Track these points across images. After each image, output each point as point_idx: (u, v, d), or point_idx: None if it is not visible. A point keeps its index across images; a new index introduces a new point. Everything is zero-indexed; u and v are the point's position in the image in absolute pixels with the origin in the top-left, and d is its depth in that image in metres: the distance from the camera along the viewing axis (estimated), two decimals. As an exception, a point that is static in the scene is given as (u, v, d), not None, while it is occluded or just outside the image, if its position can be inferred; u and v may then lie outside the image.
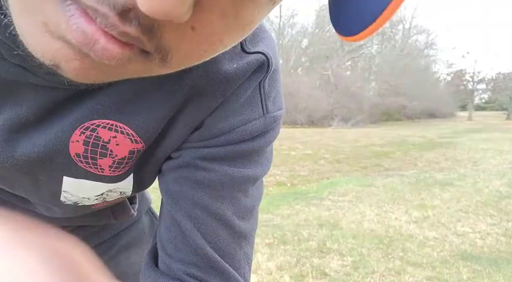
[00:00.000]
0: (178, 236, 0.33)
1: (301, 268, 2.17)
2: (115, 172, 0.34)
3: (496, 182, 4.53)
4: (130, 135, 0.32)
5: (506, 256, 2.37)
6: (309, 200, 3.69)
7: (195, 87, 0.31)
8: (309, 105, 16.97)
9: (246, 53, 0.32)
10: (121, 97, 0.31)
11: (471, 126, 16.85)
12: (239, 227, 0.34)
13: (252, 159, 0.34)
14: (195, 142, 0.33)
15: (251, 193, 0.35)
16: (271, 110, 0.34)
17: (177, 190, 0.33)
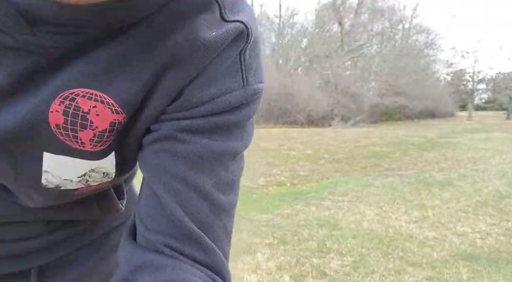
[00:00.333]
0: (156, 208, 0.32)
1: (301, 268, 2.17)
2: (96, 146, 0.33)
3: (496, 181, 4.53)
4: (110, 105, 0.31)
5: (506, 256, 2.37)
6: (309, 200, 3.69)
7: (174, 54, 0.30)
8: (309, 105, 16.97)
9: (225, 21, 0.32)
10: (99, 65, 0.30)
11: (471, 126, 16.87)
12: (218, 200, 0.33)
13: (232, 133, 0.34)
14: (175, 112, 0.33)
15: (231, 167, 0.34)
16: (252, 82, 0.34)
17: (156, 163, 0.33)
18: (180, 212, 0.32)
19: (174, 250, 0.31)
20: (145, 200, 0.34)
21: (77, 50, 0.30)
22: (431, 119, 25.27)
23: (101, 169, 0.36)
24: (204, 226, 0.33)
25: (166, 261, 0.31)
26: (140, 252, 0.32)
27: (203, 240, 0.32)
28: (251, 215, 3.18)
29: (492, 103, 42.96)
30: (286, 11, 26.18)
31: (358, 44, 24.53)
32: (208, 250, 0.33)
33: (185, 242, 0.32)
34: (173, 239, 0.32)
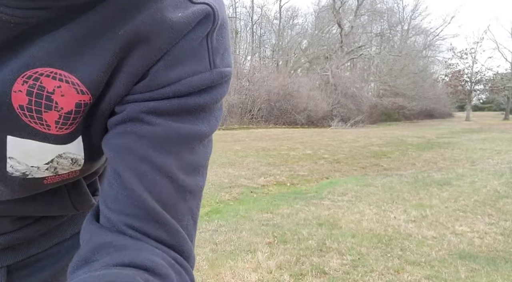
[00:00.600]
0: (120, 189, 0.32)
1: (300, 266, 2.18)
2: (62, 129, 0.32)
3: (494, 181, 4.56)
4: (75, 85, 0.30)
5: (503, 255, 2.39)
6: (309, 200, 3.70)
7: (139, 34, 0.30)
8: (308, 105, 16.98)
9: (192, 3, 0.32)
10: (64, 44, 0.29)
11: (469, 126, 16.90)
12: (184, 181, 0.33)
13: (199, 116, 0.33)
14: (140, 93, 0.32)
15: (197, 150, 0.34)
16: (219, 65, 0.34)
17: (121, 144, 0.32)
18: (144, 192, 0.31)
19: (137, 230, 0.31)
20: (109, 181, 0.33)
21: (40, 27, 0.29)
22: (430, 120, 25.31)
23: (69, 154, 0.35)
24: (169, 207, 0.32)
25: (127, 241, 0.30)
26: (102, 232, 0.31)
27: (167, 220, 0.32)
28: (251, 214, 3.19)
29: (490, 104, 43.06)
30: (286, 13, 26.20)
31: (358, 45, 24.56)
32: (172, 230, 0.32)
33: (148, 222, 0.31)
34: (136, 219, 0.31)
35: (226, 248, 2.43)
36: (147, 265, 0.29)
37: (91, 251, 0.30)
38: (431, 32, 30.94)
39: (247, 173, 5.03)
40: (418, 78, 25.03)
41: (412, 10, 30.68)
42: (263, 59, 24.07)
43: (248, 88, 16.84)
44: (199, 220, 1.44)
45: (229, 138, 10.13)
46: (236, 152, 7.04)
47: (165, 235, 0.32)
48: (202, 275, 2.04)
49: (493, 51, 42.03)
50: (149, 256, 0.30)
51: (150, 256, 0.30)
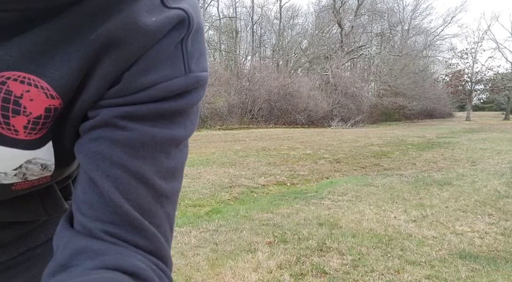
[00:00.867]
0: (94, 195, 0.31)
1: (301, 266, 2.18)
2: (31, 134, 0.32)
3: (494, 181, 4.56)
4: (44, 89, 0.30)
5: (504, 255, 2.38)
6: (309, 199, 3.70)
7: (111, 38, 0.30)
8: (309, 105, 16.98)
9: (166, 7, 0.32)
10: (33, 47, 0.29)
11: (469, 126, 16.90)
12: (160, 186, 0.33)
13: (174, 120, 0.33)
14: (114, 98, 0.32)
15: (173, 155, 0.34)
16: (194, 70, 0.34)
17: (95, 150, 0.31)
18: (120, 198, 0.31)
19: (115, 237, 0.31)
20: (82, 187, 0.32)
21: (8, 30, 0.28)
22: (430, 120, 25.31)
23: (38, 160, 0.34)
24: (146, 212, 0.32)
25: (107, 246, 0.30)
26: (79, 237, 0.31)
27: (145, 226, 0.32)
28: (251, 214, 3.19)
29: (490, 104, 43.04)
30: (286, 13, 26.20)
31: (358, 45, 24.55)
32: (150, 236, 0.32)
33: (126, 229, 0.31)
34: (113, 225, 0.31)
35: (226, 248, 2.43)
36: (131, 270, 0.29)
37: (69, 256, 0.30)
38: (432, 32, 30.94)
39: (247, 173, 5.03)
40: (419, 78, 25.03)
41: (413, 10, 30.65)
42: (263, 59, 24.07)
43: (248, 88, 16.84)
44: (199, 220, 1.46)
45: (230, 138, 10.13)
46: (236, 152, 7.04)
47: (144, 241, 0.31)
48: (202, 275, 2.04)
49: (493, 51, 42.00)
50: (132, 260, 0.30)
51: (133, 261, 0.30)
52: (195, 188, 4.14)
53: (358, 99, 19.44)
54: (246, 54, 24.53)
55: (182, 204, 3.51)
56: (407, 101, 22.60)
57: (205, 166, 5.43)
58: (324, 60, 22.60)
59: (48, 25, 0.29)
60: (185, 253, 2.33)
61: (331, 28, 25.25)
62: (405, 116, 23.88)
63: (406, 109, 22.99)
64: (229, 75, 16.74)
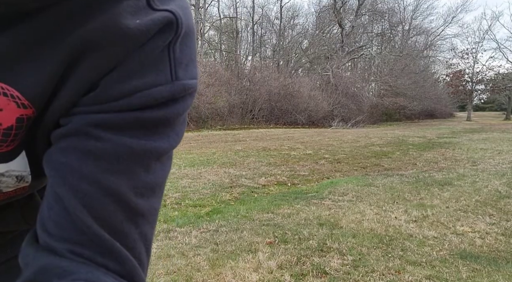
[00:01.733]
0: (61, 213, 0.28)
1: (301, 266, 2.18)
2: (1, 146, 0.29)
3: (495, 181, 4.55)
4: (15, 98, 0.27)
5: (505, 256, 2.38)
6: (310, 200, 3.70)
7: (90, 41, 0.27)
8: (309, 105, 16.98)
9: (153, 9, 0.29)
10: (3, 52, 0.27)
11: (470, 126, 16.88)
12: (136, 204, 0.30)
13: (157, 131, 0.30)
14: (89, 105, 0.29)
15: (154, 169, 0.31)
16: (182, 77, 0.31)
17: (62, 162, 0.29)
18: (89, 218, 0.28)
19: (84, 258, 0.28)
20: (48, 202, 0.29)
21: None
22: (431, 120, 25.29)
23: (12, 172, 0.32)
24: (118, 233, 0.29)
25: (77, 265, 0.27)
26: (46, 254, 0.28)
27: (116, 248, 0.29)
28: (252, 214, 3.19)
29: (491, 104, 42.98)
30: (287, 13, 26.20)
31: (358, 45, 24.54)
32: (121, 259, 0.29)
33: (95, 250, 0.28)
34: (80, 246, 0.28)
35: (227, 248, 2.44)
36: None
37: (34, 274, 0.27)
38: (432, 32, 30.92)
39: (248, 173, 5.03)
40: (419, 78, 25.00)
41: (413, 10, 30.63)
42: (264, 59, 24.07)
43: (249, 88, 16.84)
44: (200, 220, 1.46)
45: (230, 138, 10.13)
46: (237, 152, 7.04)
47: (115, 264, 0.29)
48: (203, 275, 2.04)
49: (494, 51, 42.01)
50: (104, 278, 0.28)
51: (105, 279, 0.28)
52: (195, 188, 4.14)
53: (358, 100, 19.44)
54: (246, 54, 24.54)
55: (183, 204, 3.51)
56: (408, 101, 22.59)
57: (205, 166, 5.43)
58: (325, 60, 22.60)
59: (20, 29, 0.27)
60: (186, 253, 2.34)
61: (332, 28, 25.26)
62: (406, 117, 23.86)
63: (407, 109, 22.98)
64: (229, 76, 16.74)
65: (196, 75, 0.33)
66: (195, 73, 0.33)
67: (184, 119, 0.34)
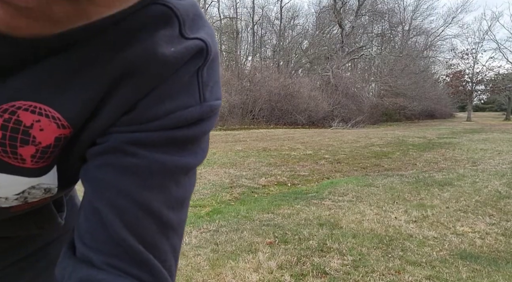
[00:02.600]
0: (98, 226, 0.30)
1: (301, 267, 2.18)
2: (38, 163, 0.31)
3: (495, 182, 4.55)
4: (56, 119, 0.29)
5: (505, 256, 2.38)
6: (310, 200, 3.70)
7: (129, 68, 0.29)
8: (309, 106, 16.98)
9: (185, 38, 0.31)
10: (47, 77, 0.28)
11: (470, 126, 16.88)
12: (167, 218, 0.32)
13: (186, 148, 0.32)
14: (126, 125, 0.31)
15: (183, 183, 0.33)
16: (208, 99, 0.33)
17: (100, 177, 0.30)
18: (124, 231, 0.29)
19: (119, 270, 0.29)
20: (85, 217, 0.31)
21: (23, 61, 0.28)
22: (431, 120, 25.29)
23: (42, 185, 0.33)
24: (151, 246, 0.31)
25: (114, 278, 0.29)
26: (83, 266, 0.30)
27: (150, 260, 0.30)
28: (252, 215, 3.19)
29: (491, 104, 42.99)
30: (287, 13, 26.22)
31: (358, 46, 24.55)
32: (155, 272, 0.31)
33: (130, 263, 0.30)
34: (116, 259, 0.29)
35: (227, 248, 2.44)
36: None
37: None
38: (432, 32, 30.93)
39: (248, 173, 5.03)
40: (419, 79, 25.00)
41: (413, 10, 30.64)
42: (264, 60, 24.08)
43: (249, 89, 16.85)
44: (200, 220, 1.47)
45: (230, 138, 10.13)
46: (237, 152, 7.04)
47: (148, 276, 0.30)
48: (203, 276, 2.04)
49: (494, 52, 41.99)
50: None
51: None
52: (196, 188, 4.13)
53: (358, 100, 19.44)
54: (246, 54, 24.55)
55: (183, 204, 3.51)
56: (408, 101, 22.58)
57: (206, 166, 5.43)
58: (325, 60, 22.61)
59: (64, 56, 0.29)
60: (186, 253, 2.34)
61: (332, 29, 25.27)
62: (406, 117, 23.86)
63: (407, 109, 22.97)
64: (229, 76, 16.75)
65: (220, 96, 0.36)
66: (219, 94, 0.36)
67: (208, 137, 0.36)
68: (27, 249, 0.47)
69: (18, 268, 0.47)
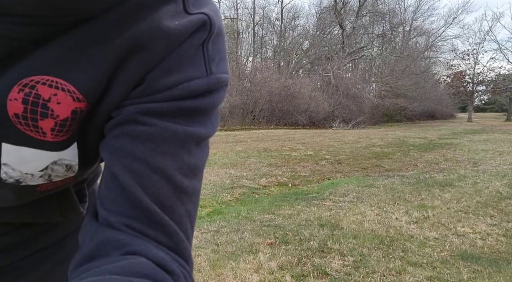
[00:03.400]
0: (117, 190, 0.32)
1: (302, 267, 2.18)
2: (57, 136, 0.33)
3: (496, 182, 4.54)
4: (71, 93, 0.31)
5: (506, 257, 2.38)
6: (310, 200, 3.70)
7: (136, 42, 0.31)
8: (310, 106, 16.98)
9: (188, 13, 0.33)
10: (61, 53, 0.30)
11: (471, 127, 16.85)
12: (181, 183, 0.33)
13: (195, 118, 0.34)
14: (137, 97, 0.33)
15: (194, 152, 0.34)
16: (215, 72, 0.35)
17: (116, 146, 0.32)
18: (141, 193, 0.31)
19: (137, 231, 0.31)
20: (105, 183, 0.33)
21: (39, 40, 0.30)
22: (431, 121, 25.25)
23: (64, 161, 0.35)
24: (166, 208, 0.32)
25: (132, 238, 0.30)
26: (104, 229, 0.31)
27: (166, 221, 0.32)
28: (253, 215, 3.19)
29: (492, 105, 42.90)
30: (287, 14, 26.23)
31: (359, 46, 24.54)
32: (171, 233, 0.32)
33: (147, 223, 0.31)
34: (134, 220, 0.31)
35: (227, 248, 2.44)
36: (158, 261, 0.29)
37: (96, 247, 0.30)
38: (433, 33, 30.90)
39: (248, 174, 5.03)
40: (420, 79, 24.97)
41: (414, 11, 30.62)
42: (264, 60, 24.09)
43: (249, 89, 16.86)
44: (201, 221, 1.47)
45: (231, 139, 10.13)
46: (237, 153, 7.04)
47: (164, 237, 0.31)
48: (203, 276, 2.04)
49: (495, 52, 41.91)
50: (158, 252, 0.30)
51: (159, 253, 0.30)
52: (196, 189, 4.15)
53: (359, 100, 19.42)
54: (247, 55, 24.57)
55: (184, 205, 3.51)
56: (409, 102, 22.55)
57: (206, 167, 5.40)
58: (326, 61, 22.60)
59: (76, 33, 0.30)
60: (187, 253, 2.34)
61: (333, 29, 25.26)
62: (407, 117, 23.84)
63: (408, 110, 22.95)
64: (230, 76, 16.72)
65: (227, 70, 0.37)
66: (226, 69, 0.37)
67: (218, 111, 0.37)
68: (48, 239, 0.49)
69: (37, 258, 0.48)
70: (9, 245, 0.45)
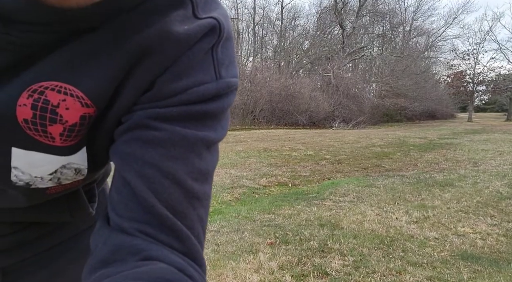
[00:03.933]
0: (128, 195, 0.32)
1: (302, 267, 2.18)
2: (66, 141, 0.33)
3: (496, 182, 4.54)
4: (80, 98, 0.31)
5: (506, 257, 2.38)
6: (310, 200, 3.70)
7: (146, 48, 0.31)
8: (310, 106, 16.98)
9: (197, 18, 0.33)
10: (70, 58, 0.30)
11: (471, 127, 16.85)
12: (192, 187, 0.33)
13: (205, 123, 0.34)
14: (147, 103, 0.33)
15: (204, 156, 0.34)
16: (224, 76, 0.34)
17: (127, 151, 0.32)
18: (153, 198, 0.31)
19: (150, 236, 0.31)
20: (117, 189, 0.33)
21: (50, 46, 0.30)
22: (432, 121, 25.25)
23: (73, 165, 0.35)
24: (178, 213, 0.32)
25: (147, 243, 0.30)
26: (118, 234, 0.31)
27: (178, 227, 0.32)
28: (253, 215, 3.19)
29: (492, 105, 42.88)
30: (288, 14, 26.24)
31: (359, 46, 24.54)
32: (184, 238, 0.32)
33: (160, 229, 0.31)
34: (147, 225, 0.31)
35: (227, 248, 2.44)
36: (178, 266, 0.29)
37: (109, 252, 0.30)
38: (433, 33, 30.89)
39: (249, 174, 5.03)
40: (420, 79, 24.96)
41: (414, 11, 30.61)
42: (265, 60, 24.10)
43: (250, 89, 16.85)
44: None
45: (231, 139, 10.13)
46: (238, 153, 7.05)
47: (178, 243, 0.31)
48: (204, 276, 2.04)
49: (495, 52, 41.89)
50: (174, 257, 0.30)
51: (175, 258, 0.30)
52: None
53: (359, 100, 19.42)
54: (247, 55, 24.57)
55: (184, 205, 3.52)
56: (409, 102, 22.55)
57: (206, 167, 5.43)
58: (326, 61, 22.60)
59: (85, 39, 0.31)
60: (187, 253, 2.34)
61: (333, 29, 25.26)
62: (407, 117, 23.83)
63: (408, 110, 22.94)
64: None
65: (236, 74, 0.37)
66: (236, 73, 0.37)
67: (228, 114, 0.37)
68: (60, 237, 0.49)
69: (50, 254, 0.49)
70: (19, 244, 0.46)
